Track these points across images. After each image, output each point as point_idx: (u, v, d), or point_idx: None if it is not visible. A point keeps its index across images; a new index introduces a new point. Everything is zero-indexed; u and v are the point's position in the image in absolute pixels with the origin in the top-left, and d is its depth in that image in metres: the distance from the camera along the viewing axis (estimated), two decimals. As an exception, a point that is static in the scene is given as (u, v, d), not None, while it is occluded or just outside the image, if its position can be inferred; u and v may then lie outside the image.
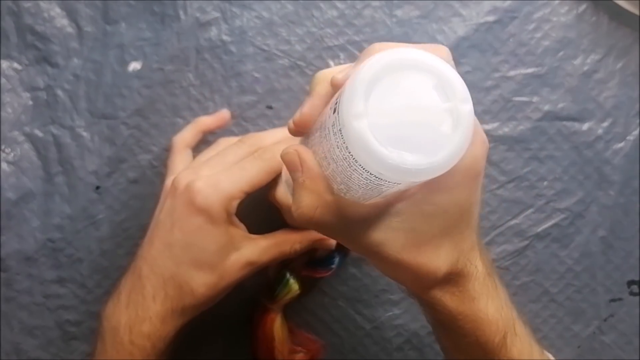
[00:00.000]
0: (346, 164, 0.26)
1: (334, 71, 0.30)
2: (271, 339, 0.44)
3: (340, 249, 0.46)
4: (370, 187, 0.27)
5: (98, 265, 0.50)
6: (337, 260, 0.46)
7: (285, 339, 0.45)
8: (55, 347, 0.50)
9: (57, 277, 0.50)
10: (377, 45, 0.30)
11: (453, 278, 0.32)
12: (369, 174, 0.25)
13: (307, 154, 0.29)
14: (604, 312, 0.50)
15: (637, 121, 0.50)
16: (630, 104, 0.50)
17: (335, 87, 0.29)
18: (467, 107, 0.25)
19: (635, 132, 0.50)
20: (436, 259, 0.31)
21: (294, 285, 0.45)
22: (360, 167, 0.25)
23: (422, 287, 0.33)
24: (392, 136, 0.24)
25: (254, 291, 0.46)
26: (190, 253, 0.41)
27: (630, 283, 0.50)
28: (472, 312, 0.33)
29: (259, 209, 0.45)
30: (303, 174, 0.29)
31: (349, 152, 0.25)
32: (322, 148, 0.28)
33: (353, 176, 0.26)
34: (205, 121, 0.48)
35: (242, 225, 0.43)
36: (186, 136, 0.47)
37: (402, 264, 0.31)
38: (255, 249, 0.42)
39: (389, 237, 0.30)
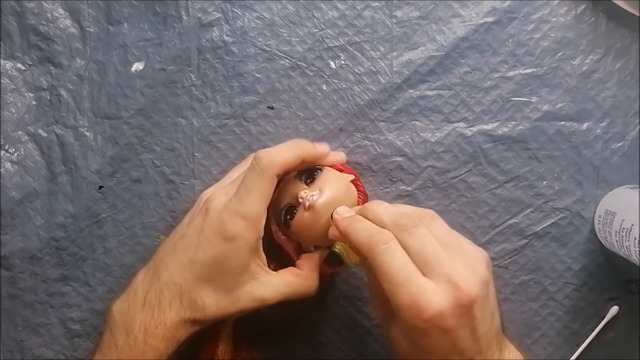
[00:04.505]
0: None
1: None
2: (215, 344, 0.46)
3: None
4: None
5: (101, 264, 0.50)
6: None
7: (228, 345, 0.46)
8: (58, 344, 0.50)
9: (60, 276, 0.50)
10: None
11: None
12: None
13: None
14: (603, 310, 0.50)
15: (636, 121, 0.50)
16: (629, 104, 0.50)
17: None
18: None
19: (634, 132, 0.50)
20: None
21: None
22: None
23: None
24: None
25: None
26: (211, 273, 0.42)
27: (629, 282, 0.50)
28: None
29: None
30: None
31: None
32: None
33: None
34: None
35: (263, 257, 0.44)
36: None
37: None
38: (268, 287, 0.43)
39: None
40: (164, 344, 0.42)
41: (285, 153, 0.42)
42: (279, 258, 0.46)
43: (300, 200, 0.43)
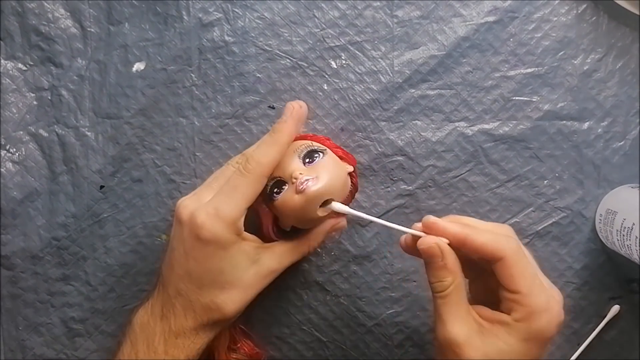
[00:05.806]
0: None
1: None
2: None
3: None
4: None
5: (102, 263, 0.50)
6: None
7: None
8: (59, 344, 0.51)
9: (61, 275, 0.50)
10: None
11: None
12: None
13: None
14: (604, 309, 0.50)
15: (637, 120, 0.50)
16: (630, 103, 0.50)
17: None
18: None
19: (635, 131, 0.50)
20: None
21: None
22: None
23: None
24: None
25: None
26: (210, 277, 0.41)
27: (630, 281, 0.50)
28: None
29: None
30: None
31: None
32: None
33: None
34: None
35: (253, 237, 0.44)
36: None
37: None
38: (274, 257, 0.44)
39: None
40: (185, 353, 0.42)
41: (270, 153, 0.42)
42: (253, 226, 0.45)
43: (294, 181, 0.41)
